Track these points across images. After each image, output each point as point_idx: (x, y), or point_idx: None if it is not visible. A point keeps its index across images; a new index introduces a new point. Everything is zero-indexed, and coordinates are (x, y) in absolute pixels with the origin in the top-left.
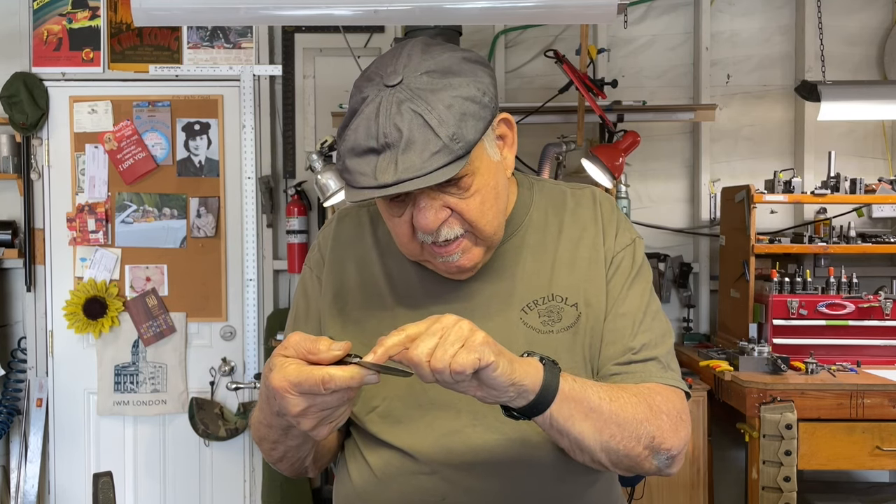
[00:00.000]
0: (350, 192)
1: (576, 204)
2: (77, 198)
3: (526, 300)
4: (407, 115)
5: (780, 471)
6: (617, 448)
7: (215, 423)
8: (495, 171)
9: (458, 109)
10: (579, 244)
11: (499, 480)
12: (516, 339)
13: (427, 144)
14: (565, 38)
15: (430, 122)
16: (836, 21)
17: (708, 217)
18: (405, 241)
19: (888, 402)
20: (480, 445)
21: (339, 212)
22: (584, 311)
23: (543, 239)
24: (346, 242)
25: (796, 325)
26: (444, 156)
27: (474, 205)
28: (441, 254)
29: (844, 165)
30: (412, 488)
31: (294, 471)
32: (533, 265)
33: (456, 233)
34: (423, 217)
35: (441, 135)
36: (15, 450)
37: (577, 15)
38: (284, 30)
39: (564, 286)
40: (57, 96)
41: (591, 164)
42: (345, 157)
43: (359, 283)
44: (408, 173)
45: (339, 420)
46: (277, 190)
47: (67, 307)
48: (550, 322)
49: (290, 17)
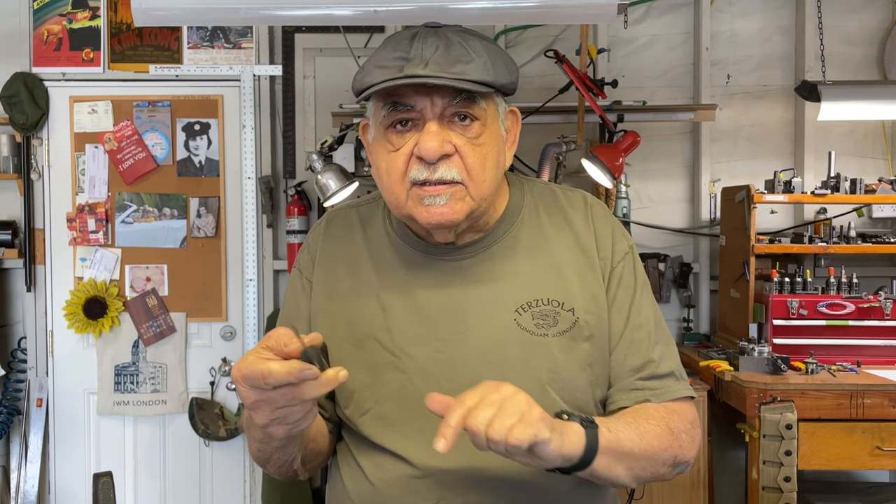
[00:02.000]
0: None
1: (567, 205)
2: (77, 198)
3: (520, 301)
4: (444, 38)
5: (780, 471)
6: (646, 476)
7: (215, 424)
8: (499, 142)
9: (493, 52)
10: (572, 248)
11: (493, 483)
12: (511, 341)
13: (461, 58)
14: (565, 38)
15: (466, 47)
16: (836, 21)
17: (708, 217)
18: (396, 180)
19: (888, 402)
20: (474, 448)
21: (327, 213)
22: (582, 318)
23: (536, 239)
24: (336, 243)
25: (796, 326)
26: (475, 72)
27: (477, 153)
28: (431, 193)
29: (844, 165)
30: (406, 492)
31: (282, 473)
32: (526, 266)
33: (453, 174)
34: (429, 139)
35: (475, 58)
36: (15, 450)
37: (577, 15)
38: (284, 30)
39: (559, 290)
40: (57, 96)
41: (591, 164)
42: (369, 67)
43: (350, 285)
44: (438, 70)
45: (297, 424)
46: (277, 190)
47: (67, 307)
48: (545, 325)
49: (290, 17)
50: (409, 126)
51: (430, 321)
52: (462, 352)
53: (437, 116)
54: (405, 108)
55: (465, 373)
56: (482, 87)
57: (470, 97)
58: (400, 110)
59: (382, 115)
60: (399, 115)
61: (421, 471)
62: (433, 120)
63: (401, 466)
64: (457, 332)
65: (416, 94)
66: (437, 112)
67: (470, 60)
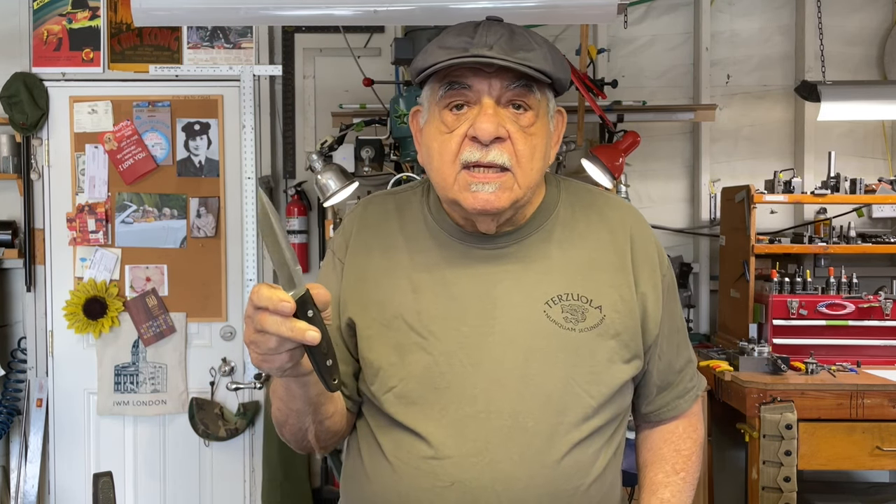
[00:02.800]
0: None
1: (604, 205)
2: (77, 198)
3: (550, 294)
4: (507, 28)
5: (780, 471)
6: None
7: (215, 424)
8: (548, 136)
9: (552, 48)
10: (605, 248)
11: (509, 468)
12: (540, 332)
13: (524, 46)
14: (565, 38)
15: (529, 38)
16: (835, 21)
17: (708, 217)
18: (447, 160)
19: (888, 402)
20: (493, 432)
21: (364, 199)
22: (609, 316)
23: (570, 236)
24: (372, 228)
25: (796, 326)
26: (536, 60)
27: (528, 144)
28: (479, 180)
29: (844, 165)
30: (421, 472)
31: (297, 441)
32: (559, 260)
33: (504, 159)
34: (486, 119)
35: (537, 47)
36: (15, 450)
37: (577, 15)
38: (284, 30)
39: (588, 287)
40: (57, 96)
41: (591, 164)
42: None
43: (383, 267)
44: (501, 54)
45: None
46: (277, 190)
47: (67, 307)
48: (574, 320)
49: (290, 17)
50: (465, 109)
51: (459, 306)
52: (489, 338)
53: (494, 100)
54: (463, 88)
55: (489, 359)
56: (542, 75)
57: (527, 86)
58: (457, 89)
59: (440, 96)
60: (456, 96)
61: (438, 452)
62: (490, 103)
63: (419, 446)
64: (485, 318)
65: (476, 77)
66: (495, 96)
67: (532, 49)
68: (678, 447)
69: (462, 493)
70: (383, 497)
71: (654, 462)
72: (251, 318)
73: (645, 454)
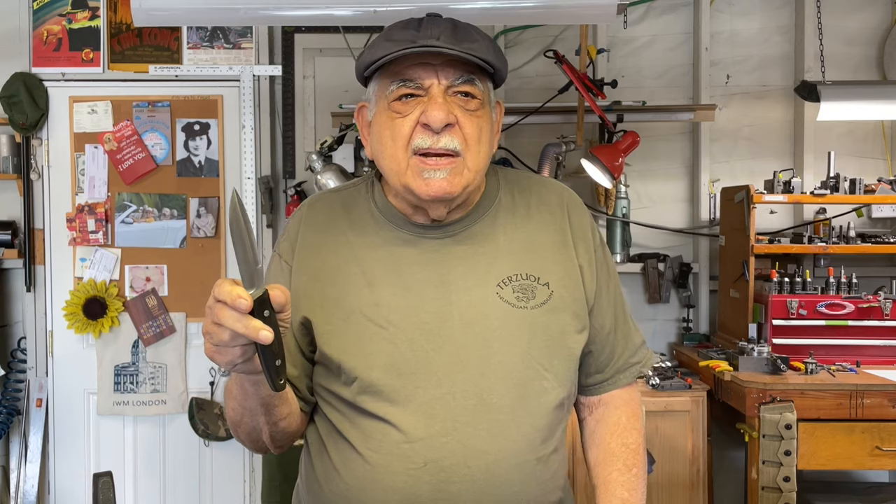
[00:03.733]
0: (376, 55)
1: (540, 187)
2: (77, 198)
3: (500, 276)
4: (450, 21)
5: (779, 471)
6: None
7: (215, 423)
8: (491, 123)
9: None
10: (546, 227)
11: (478, 443)
12: (495, 312)
13: (468, 37)
14: (565, 38)
15: (472, 31)
16: (835, 21)
17: (707, 217)
18: (400, 146)
19: (888, 402)
20: (460, 411)
21: (308, 199)
22: (557, 292)
23: (513, 219)
24: (318, 226)
25: (796, 326)
26: (481, 51)
27: (475, 126)
28: (431, 167)
29: (844, 165)
30: (394, 457)
31: (252, 441)
32: (506, 244)
33: (455, 145)
34: (437, 108)
35: (479, 39)
36: (15, 450)
37: (577, 15)
38: (284, 30)
39: (536, 267)
40: (57, 96)
41: (590, 165)
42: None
43: (335, 264)
44: (448, 44)
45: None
46: (277, 190)
47: (67, 307)
48: (525, 298)
49: (290, 17)
50: (413, 99)
51: (416, 294)
52: (448, 322)
53: (442, 90)
54: (412, 84)
55: (450, 342)
56: (486, 65)
57: (471, 79)
58: (408, 85)
59: (390, 90)
60: (406, 90)
61: (409, 436)
62: (439, 92)
63: (389, 433)
64: (442, 303)
65: (424, 70)
66: (443, 87)
67: (475, 40)
68: (625, 441)
69: (436, 471)
70: (358, 489)
71: (605, 459)
72: (210, 309)
73: (595, 451)
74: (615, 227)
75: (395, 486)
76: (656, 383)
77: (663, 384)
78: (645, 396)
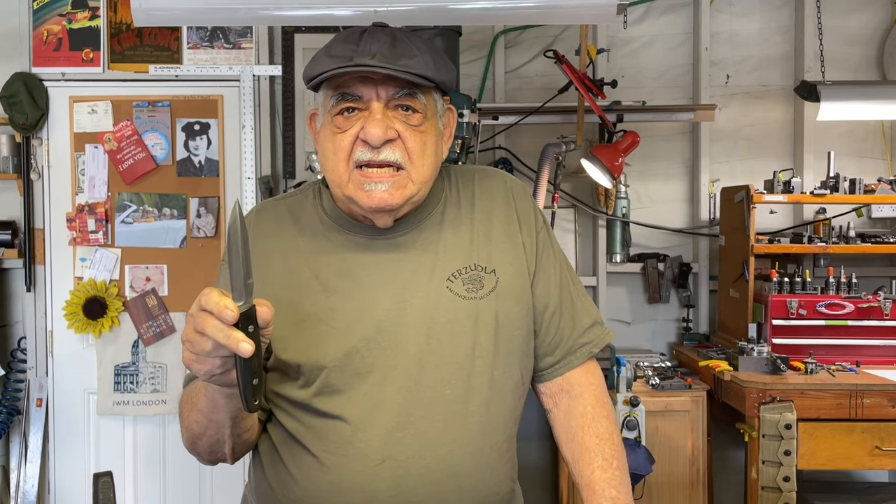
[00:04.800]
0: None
1: (482, 177)
2: (77, 198)
3: (450, 270)
4: (390, 36)
5: (779, 471)
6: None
7: None
8: (437, 135)
9: (434, 52)
10: (491, 216)
11: (434, 435)
12: (446, 306)
13: (405, 53)
14: (565, 38)
15: (411, 44)
16: (835, 21)
17: (707, 217)
18: (341, 159)
19: (887, 402)
20: (416, 405)
21: (254, 208)
22: (502, 278)
23: (459, 213)
24: (267, 234)
25: (796, 325)
26: (418, 67)
27: (418, 140)
28: (373, 179)
29: (844, 165)
30: (350, 457)
31: (211, 453)
32: (453, 238)
33: (396, 157)
34: (375, 125)
35: (418, 54)
36: (15, 450)
37: (577, 15)
38: (284, 30)
39: (483, 256)
40: (57, 96)
41: (590, 165)
42: (319, 57)
43: (287, 269)
44: (385, 62)
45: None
46: (277, 190)
47: (67, 307)
48: (474, 289)
49: (290, 17)
50: (356, 113)
51: (371, 295)
52: (402, 319)
53: (382, 103)
54: (352, 98)
55: (405, 339)
56: (423, 80)
57: (412, 92)
58: (348, 100)
59: (331, 104)
60: (346, 104)
61: (366, 434)
62: (378, 108)
63: (345, 433)
64: (396, 302)
65: (363, 86)
66: (383, 100)
67: (413, 56)
68: (597, 432)
69: (394, 467)
70: (315, 494)
71: (583, 455)
72: (193, 317)
73: (570, 447)
74: (615, 227)
75: (352, 486)
76: (656, 383)
77: (663, 384)
78: (645, 396)
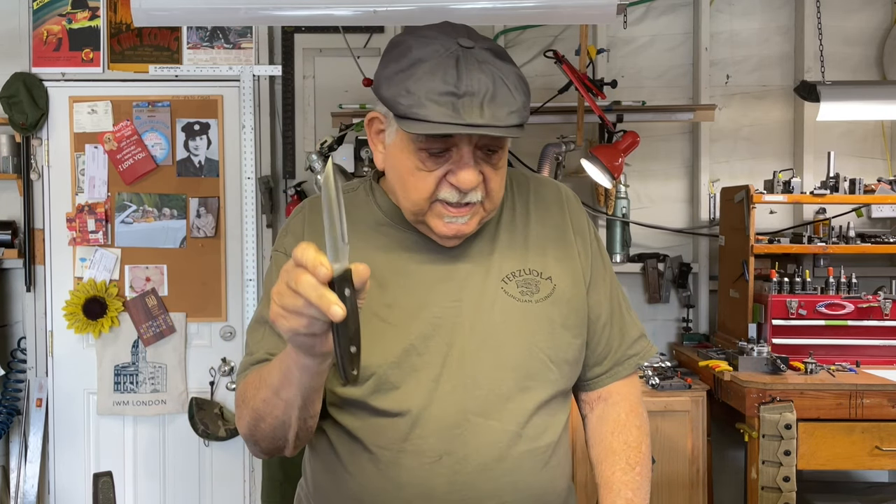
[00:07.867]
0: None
1: (538, 186)
2: (77, 198)
3: (504, 272)
4: (488, 73)
5: (779, 471)
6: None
7: (215, 423)
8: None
9: (522, 85)
10: (546, 225)
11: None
12: (501, 307)
13: (507, 101)
14: (565, 39)
15: (508, 85)
16: (835, 21)
17: (707, 217)
18: (423, 195)
19: (887, 402)
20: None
21: (307, 201)
22: (559, 285)
23: (514, 218)
24: (321, 231)
25: (795, 325)
26: (518, 117)
27: (498, 179)
28: (454, 214)
29: (844, 166)
30: (407, 453)
31: (273, 439)
32: (508, 241)
33: (479, 198)
34: (468, 173)
35: (517, 98)
36: (15, 450)
37: (577, 15)
38: (284, 30)
39: (538, 262)
40: (57, 96)
41: (590, 165)
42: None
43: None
44: (494, 121)
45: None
46: (277, 190)
47: (67, 307)
48: (529, 293)
49: (290, 17)
50: (443, 154)
51: (427, 293)
52: (458, 318)
53: (472, 149)
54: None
55: (461, 337)
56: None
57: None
58: (438, 140)
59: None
60: (436, 145)
61: (423, 430)
62: (469, 153)
63: (402, 428)
64: (453, 300)
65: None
66: (472, 145)
67: (515, 104)
68: (626, 438)
69: (451, 464)
70: (372, 489)
71: (607, 457)
72: (287, 273)
73: (597, 449)
74: (615, 227)
75: (409, 482)
76: (656, 383)
77: (663, 384)
78: (645, 396)
